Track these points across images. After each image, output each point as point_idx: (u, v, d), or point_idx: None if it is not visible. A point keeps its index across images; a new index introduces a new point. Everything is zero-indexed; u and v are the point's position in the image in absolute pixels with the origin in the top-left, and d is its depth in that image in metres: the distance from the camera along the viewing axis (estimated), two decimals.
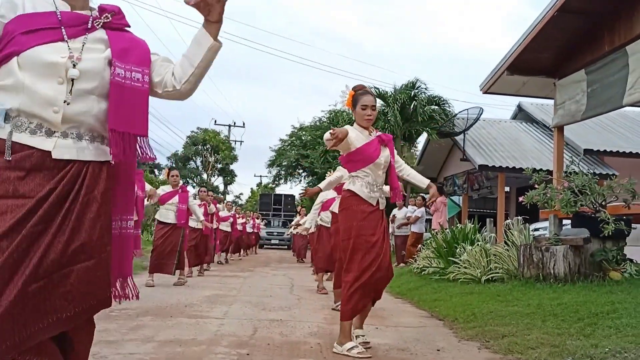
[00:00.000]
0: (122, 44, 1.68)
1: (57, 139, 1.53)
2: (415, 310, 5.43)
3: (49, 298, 1.47)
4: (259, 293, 6.51)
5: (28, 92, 1.50)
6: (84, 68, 1.56)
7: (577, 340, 3.17)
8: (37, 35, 1.53)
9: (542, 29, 8.12)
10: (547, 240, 5.57)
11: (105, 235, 1.61)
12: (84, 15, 1.65)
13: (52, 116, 1.52)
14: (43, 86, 1.51)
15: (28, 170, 1.49)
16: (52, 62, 1.52)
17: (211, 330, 3.85)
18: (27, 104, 1.50)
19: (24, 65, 1.51)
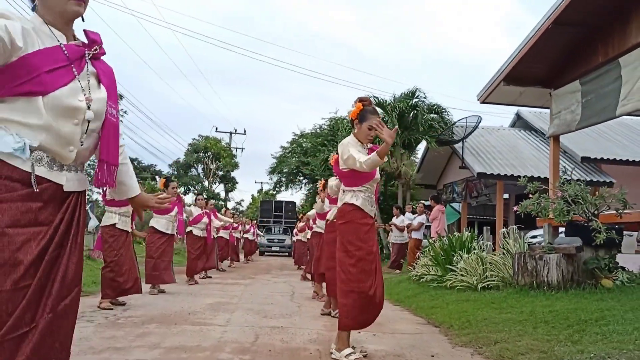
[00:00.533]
0: (107, 81, 1.86)
1: (66, 172, 1.72)
2: (413, 317, 5.56)
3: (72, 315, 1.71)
4: (260, 300, 6.65)
5: (51, 132, 1.65)
6: (95, 109, 1.75)
7: (565, 347, 3.31)
8: (56, 75, 1.66)
9: (537, 41, 8.30)
10: (541, 249, 5.71)
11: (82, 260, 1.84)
12: (80, 48, 1.79)
13: (68, 154, 1.71)
14: (64, 127, 1.67)
15: (45, 201, 1.65)
16: (75, 107, 1.69)
17: (214, 337, 3.99)
18: (49, 142, 1.65)
19: (49, 106, 1.64)
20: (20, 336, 1.53)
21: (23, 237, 1.57)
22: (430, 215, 10.38)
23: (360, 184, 3.56)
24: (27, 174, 1.61)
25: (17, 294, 1.53)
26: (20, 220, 1.58)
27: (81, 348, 3.39)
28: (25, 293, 1.55)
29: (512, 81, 9.33)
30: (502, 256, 6.28)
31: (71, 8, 1.75)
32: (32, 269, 1.58)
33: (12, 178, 1.58)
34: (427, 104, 16.74)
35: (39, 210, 1.63)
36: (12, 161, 1.58)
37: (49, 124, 1.63)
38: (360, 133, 3.56)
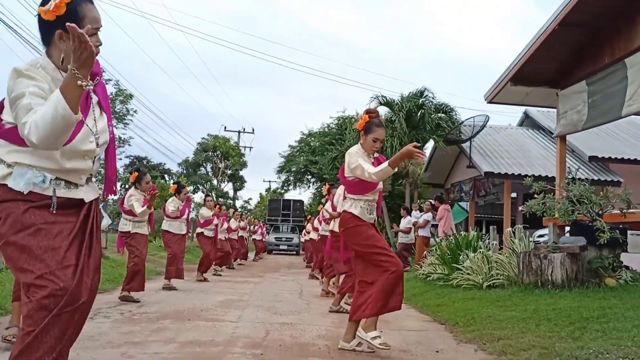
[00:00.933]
0: (105, 100, 2.12)
1: (82, 188, 2.04)
2: (419, 314, 5.68)
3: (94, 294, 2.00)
4: (270, 298, 6.80)
5: (66, 170, 1.96)
6: (102, 142, 2.05)
7: (566, 343, 3.42)
8: None
9: (544, 42, 8.36)
10: (545, 248, 5.81)
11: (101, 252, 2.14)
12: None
13: (80, 181, 2.03)
14: (77, 164, 1.98)
15: (65, 208, 1.98)
16: (88, 150, 1.99)
17: (227, 332, 4.14)
18: (64, 175, 1.97)
19: (65, 154, 1.93)
20: (74, 309, 1.82)
21: (55, 230, 1.89)
22: (437, 215, 10.47)
23: (362, 193, 3.70)
24: (48, 196, 1.94)
25: (65, 272, 1.82)
26: (49, 219, 1.91)
27: (100, 342, 3.55)
28: (73, 272, 1.84)
29: (519, 81, 9.38)
30: (507, 255, 6.38)
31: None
32: (70, 251, 1.88)
33: (36, 200, 1.91)
34: (434, 103, 16.82)
35: (63, 214, 1.96)
36: (37, 190, 1.91)
37: (63, 166, 1.94)
38: (365, 144, 3.67)
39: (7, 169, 1.90)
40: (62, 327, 1.80)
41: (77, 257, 1.90)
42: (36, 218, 1.88)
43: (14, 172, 1.89)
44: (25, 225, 1.86)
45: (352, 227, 3.70)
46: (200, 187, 34.09)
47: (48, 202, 1.92)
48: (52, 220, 1.91)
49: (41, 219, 1.89)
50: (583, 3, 7.53)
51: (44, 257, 1.83)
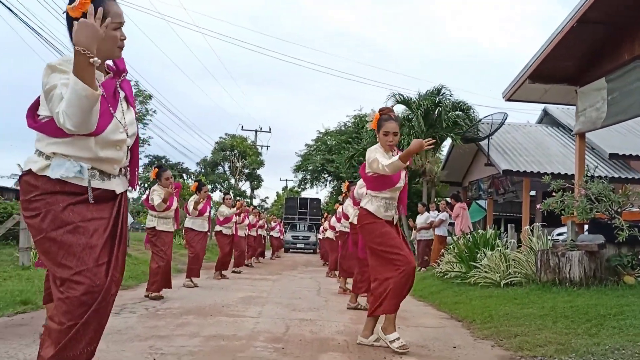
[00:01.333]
0: (132, 98, 2.24)
1: (114, 179, 2.15)
2: (436, 312, 5.74)
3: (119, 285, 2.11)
4: (289, 295, 6.91)
5: (100, 159, 2.07)
6: (131, 133, 2.18)
7: (582, 339, 3.47)
8: (101, 118, 2.00)
9: (562, 39, 8.31)
10: (563, 246, 5.82)
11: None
12: (111, 82, 2.13)
13: (113, 171, 2.15)
14: (110, 154, 2.10)
15: (102, 202, 2.10)
16: (119, 140, 2.11)
17: (248, 327, 4.26)
18: (99, 165, 2.08)
19: (99, 143, 2.05)
20: (108, 303, 1.98)
21: (92, 228, 2.01)
22: (453, 213, 10.47)
23: (381, 189, 3.74)
24: (86, 187, 2.06)
25: (100, 270, 1.96)
26: (86, 216, 2.03)
27: (129, 336, 3.70)
28: (106, 270, 1.98)
29: (538, 79, 9.33)
30: (525, 253, 6.39)
31: (117, 53, 2.12)
32: (105, 249, 2.02)
33: (76, 193, 2.03)
34: (452, 101, 16.76)
35: (97, 209, 2.08)
36: (74, 181, 2.02)
37: (98, 155, 2.06)
38: (380, 140, 3.73)
39: (46, 161, 2.02)
40: (99, 319, 1.96)
41: (110, 254, 2.05)
42: (75, 216, 2.00)
43: (52, 162, 2.00)
44: (65, 222, 1.97)
45: (367, 223, 3.75)
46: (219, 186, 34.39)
47: (85, 197, 2.03)
48: (89, 217, 2.02)
49: (79, 217, 2.00)
50: (601, 1, 7.49)
51: (82, 254, 1.95)
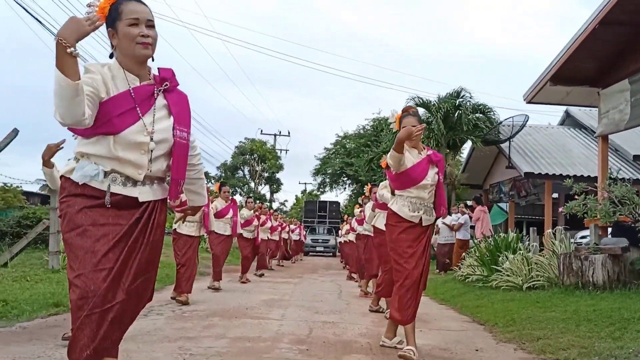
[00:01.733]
0: (177, 107, 2.19)
1: (140, 187, 2.10)
2: (458, 315, 5.75)
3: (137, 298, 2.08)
4: (310, 298, 7.00)
5: (121, 161, 2.04)
6: (157, 139, 2.10)
7: (606, 343, 3.47)
8: (124, 118, 2.03)
9: (584, 41, 8.24)
10: (586, 250, 5.78)
11: (159, 253, 2.20)
12: (149, 88, 2.11)
13: (138, 176, 2.09)
14: (131, 156, 2.06)
15: (121, 208, 2.06)
16: (139, 142, 2.06)
17: (272, 329, 4.36)
18: (120, 168, 2.05)
19: (118, 143, 2.03)
20: (105, 310, 1.90)
21: (100, 233, 1.97)
22: (474, 216, 10.43)
23: (403, 188, 3.63)
24: (103, 192, 2.03)
25: (97, 275, 1.90)
26: (98, 221, 1.99)
27: (158, 337, 3.82)
28: (106, 275, 1.92)
29: (559, 81, 9.26)
30: (548, 257, 6.37)
31: (139, 52, 2.06)
32: (108, 255, 1.95)
33: (95, 196, 2.02)
34: (472, 103, 16.68)
35: (115, 215, 2.04)
36: (93, 184, 2.02)
37: (117, 155, 2.02)
38: None
39: (75, 163, 2.05)
40: (93, 326, 1.89)
41: (116, 261, 1.97)
42: (85, 219, 1.99)
43: (77, 165, 2.03)
44: (76, 225, 1.98)
45: (389, 223, 3.71)
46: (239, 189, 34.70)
47: (103, 201, 2.01)
48: (101, 222, 1.99)
49: (89, 220, 1.99)
50: (623, 2, 7.43)
51: (84, 258, 1.94)
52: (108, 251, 1.95)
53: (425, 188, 3.61)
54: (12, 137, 8.02)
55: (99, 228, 1.98)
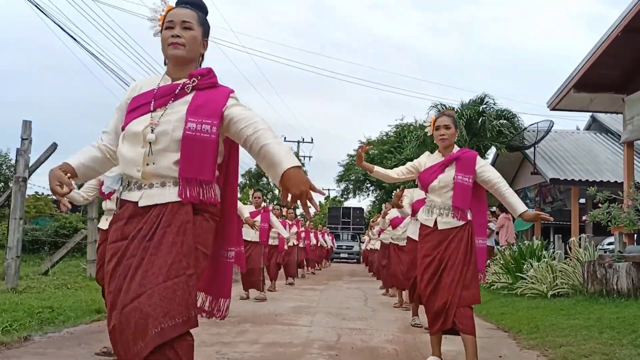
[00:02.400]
0: (200, 101, 1.92)
1: (144, 190, 1.88)
2: (483, 322, 5.85)
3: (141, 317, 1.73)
4: (337, 305, 7.17)
5: (122, 158, 1.92)
6: (159, 131, 1.87)
7: (627, 350, 3.57)
8: (134, 112, 1.94)
9: (607, 48, 8.26)
10: (610, 257, 5.83)
11: (184, 260, 1.80)
12: (174, 85, 1.97)
13: (136, 174, 1.88)
14: (130, 151, 1.89)
15: (127, 218, 1.88)
16: (136, 132, 1.89)
17: (302, 335, 4.55)
18: (123, 167, 1.92)
19: (125, 137, 1.93)
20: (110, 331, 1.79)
21: (111, 252, 1.86)
22: (497, 223, 10.46)
23: (424, 192, 3.64)
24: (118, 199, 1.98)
25: (108, 297, 1.84)
26: (111, 238, 1.90)
27: (196, 342, 3.99)
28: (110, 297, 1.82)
29: (583, 88, 9.26)
30: (572, 264, 6.42)
31: (171, 52, 1.97)
32: (112, 275, 1.83)
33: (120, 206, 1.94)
34: (496, 109, 16.66)
35: (124, 226, 1.88)
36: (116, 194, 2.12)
37: (121, 151, 1.92)
38: (435, 139, 3.58)
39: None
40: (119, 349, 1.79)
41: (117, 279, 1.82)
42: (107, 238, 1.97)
43: None
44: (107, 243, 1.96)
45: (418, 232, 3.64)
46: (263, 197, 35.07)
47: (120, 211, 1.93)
48: (113, 240, 1.89)
49: (108, 239, 1.95)
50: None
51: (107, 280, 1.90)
52: (113, 272, 1.82)
53: (435, 190, 3.50)
54: (52, 151, 8.47)
55: (111, 247, 1.88)
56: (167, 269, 1.77)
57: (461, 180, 3.44)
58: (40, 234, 10.01)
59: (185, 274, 1.80)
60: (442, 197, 3.49)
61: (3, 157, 35.42)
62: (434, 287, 3.38)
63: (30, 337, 3.96)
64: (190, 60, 2.01)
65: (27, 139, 7.63)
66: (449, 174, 3.48)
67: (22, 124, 7.67)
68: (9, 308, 4.66)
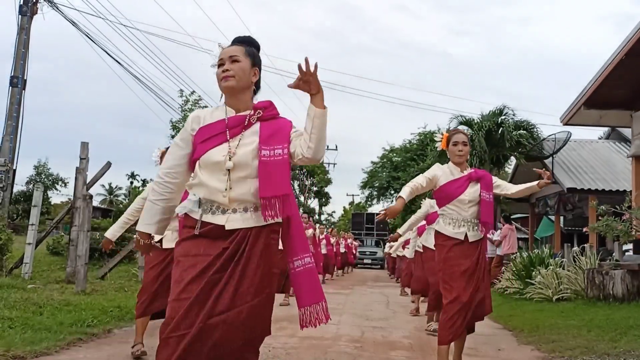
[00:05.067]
0: (269, 131, 2.15)
1: (229, 214, 2.06)
2: (492, 323, 6.54)
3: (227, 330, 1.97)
4: (361, 307, 7.95)
5: (205, 186, 2.08)
6: (237, 160, 2.07)
7: (604, 344, 4.27)
8: (209, 142, 2.11)
9: (612, 70, 8.82)
10: (608, 265, 6.47)
11: (265, 279, 2.06)
12: (243, 116, 2.17)
13: (222, 200, 2.07)
14: (213, 179, 2.07)
15: (212, 238, 2.06)
16: (216, 161, 2.07)
17: (332, 331, 5.35)
18: (206, 194, 2.08)
19: (202, 166, 2.10)
20: (180, 336, 1.93)
21: (189, 263, 2.03)
22: (501, 234, 11.06)
23: (442, 205, 3.73)
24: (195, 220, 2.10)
25: (179, 304, 1.97)
26: (190, 252, 2.07)
27: None
28: (184, 305, 1.96)
29: (592, 105, 9.78)
30: (574, 271, 7.07)
31: (224, 84, 2.17)
32: (191, 286, 1.98)
33: (192, 226, 2.11)
34: (515, 120, 17.20)
35: (205, 244, 2.06)
36: (192, 214, 2.11)
37: (201, 180, 2.08)
38: (450, 155, 3.75)
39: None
40: (169, 349, 1.94)
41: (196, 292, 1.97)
42: (181, 250, 2.11)
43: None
44: (176, 256, 2.11)
45: (437, 243, 3.78)
46: None
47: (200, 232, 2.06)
48: (192, 253, 2.05)
49: (183, 252, 2.09)
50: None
51: (173, 287, 2.03)
52: (191, 281, 1.99)
53: (463, 203, 3.63)
54: (106, 169, 9.46)
55: (190, 259, 2.04)
56: (255, 289, 2.02)
57: (487, 198, 3.66)
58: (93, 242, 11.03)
59: (265, 293, 2.08)
60: (468, 210, 3.65)
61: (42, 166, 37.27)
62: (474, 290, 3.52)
63: (111, 330, 4.86)
64: (242, 89, 2.19)
65: (85, 159, 8.63)
66: (475, 190, 3.66)
67: (81, 145, 8.67)
68: (86, 307, 5.58)
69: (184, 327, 1.94)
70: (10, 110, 9.29)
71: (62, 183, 36.86)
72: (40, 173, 36.83)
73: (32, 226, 8.52)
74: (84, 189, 8.42)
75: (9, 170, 9.24)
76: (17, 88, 9.38)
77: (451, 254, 3.60)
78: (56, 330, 4.35)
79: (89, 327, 4.74)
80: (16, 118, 9.32)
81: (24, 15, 9.57)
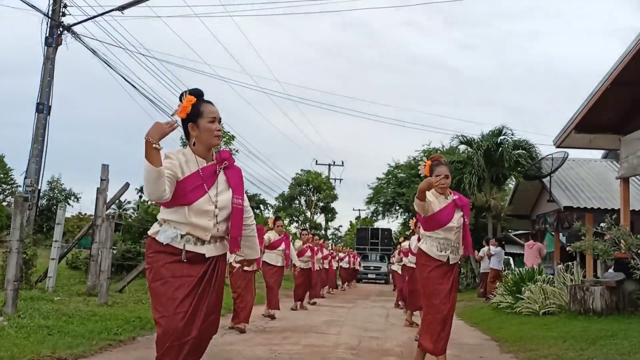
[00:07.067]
0: (234, 181, 2.75)
1: (207, 245, 2.65)
2: (482, 335, 7.07)
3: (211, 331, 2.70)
4: (362, 319, 8.48)
5: (193, 225, 2.60)
6: (220, 206, 2.66)
7: (574, 353, 4.79)
8: (195, 192, 2.60)
9: (600, 98, 9.37)
10: (589, 282, 6.99)
11: (222, 291, 2.78)
12: (212, 167, 2.69)
13: (206, 237, 2.65)
14: (201, 221, 2.62)
15: (193, 263, 2.61)
16: (208, 210, 2.63)
17: (332, 340, 5.90)
18: (192, 231, 2.60)
19: (191, 212, 2.60)
20: (182, 343, 2.48)
21: (178, 283, 2.53)
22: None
23: (432, 230, 4.02)
24: (180, 250, 2.60)
25: (176, 317, 2.47)
26: (176, 273, 2.56)
27: (254, 342, 5.45)
28: (182, 317, 2.48)
29: (583, 130, 10.32)
30: (559, 287, 7.58)
31: (215, 141, 2.68)
32: (185, 302, 2.51)
33: (174, 253, 2.59)
34: (514, 140, 17.77)
35: (189, 268, 2.59)
36: (173, 244, 2.60)
37: (191, 221, 2.58)
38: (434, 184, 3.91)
39: (159, 227, 2.62)
40: (173, 354, 2.48)
41: (190, 305, 2.51)
42: (167, 272, 2.55)
43: (161, 229, 2.61)
44: (160, 277, 2.53)
45: (420, 262, 4.14)
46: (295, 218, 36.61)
47: (180, 257, 2.56)
48: (179, 274, 2.54)
49: (170, 273, 2.55)
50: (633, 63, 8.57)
51: (166, 303, 2.49)
52: (184, 298, 2.50)
53: (452, 230, 3.96)
54: (124, 190, 10.15)
55: (177, 279, 2.53)
56: (219, 300, 2.75)
57: (467, 223, 4.11)
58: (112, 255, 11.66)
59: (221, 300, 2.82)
60: (454, 236, 4.00)
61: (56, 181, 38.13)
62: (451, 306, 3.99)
63: (135, 337, 5.44)
64: None
65: (106, 180, 9.28)
66: (460, 216, 4.03)
67: (102, 168, 9.31)
68: (111, 317, 6.16)
69: (185, 335, 2.48)
70: (36, 134, 9.99)
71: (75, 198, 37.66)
72: (54, 188, 37.78)
73: (55, 242, 9.18)
74: (104, 208, 9.07)
75: (34, 190, 9.92)
76: (42, 114, 10.09)
77: (433, 274, 3.99)
78: (88, 337, 4.94)
79: (116, 334, 5.32)
80: (42, 142, 10.02)
81: (49, 46, 10.30)
